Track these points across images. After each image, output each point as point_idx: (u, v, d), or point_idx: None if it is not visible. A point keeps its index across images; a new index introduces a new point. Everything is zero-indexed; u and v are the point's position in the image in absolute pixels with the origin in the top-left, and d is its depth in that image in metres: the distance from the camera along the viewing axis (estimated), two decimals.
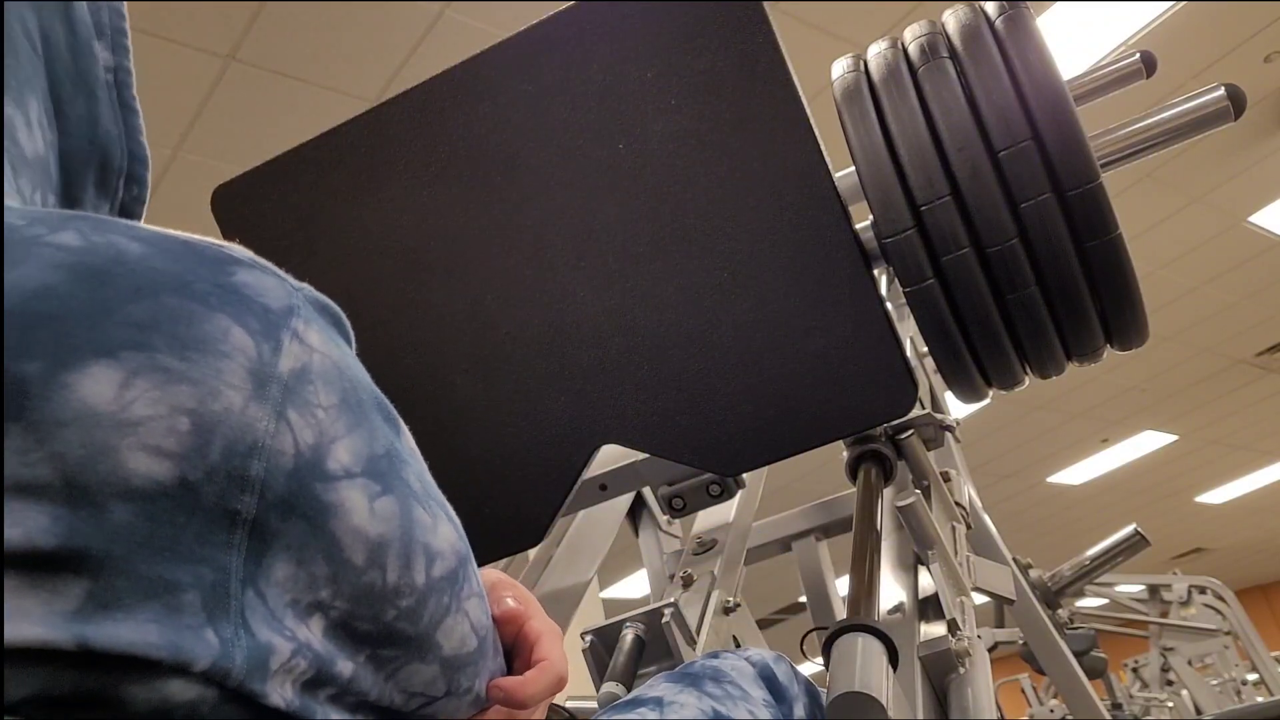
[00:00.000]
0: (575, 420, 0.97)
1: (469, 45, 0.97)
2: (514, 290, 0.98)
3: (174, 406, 0.31)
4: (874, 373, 0.89)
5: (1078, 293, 0.92)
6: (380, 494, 0.37)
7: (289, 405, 0.34)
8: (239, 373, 0.33)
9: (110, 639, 0.30)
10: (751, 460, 0.94)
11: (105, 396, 0.30)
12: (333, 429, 0.35)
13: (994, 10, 0.93)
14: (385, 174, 1.00)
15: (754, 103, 0.90)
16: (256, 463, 0.33)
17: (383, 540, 0.37)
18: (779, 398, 0.91)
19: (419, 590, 0.38)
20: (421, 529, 0.38)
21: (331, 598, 0.36)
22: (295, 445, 0.34)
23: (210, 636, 0.32)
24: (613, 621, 0.93)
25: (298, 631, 0.35)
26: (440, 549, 0.39)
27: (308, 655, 0.35)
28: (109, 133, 0.45)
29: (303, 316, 0.36)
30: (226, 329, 0.33)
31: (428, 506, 0.39)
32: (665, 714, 0.56)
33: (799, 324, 0.90)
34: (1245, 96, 0.97)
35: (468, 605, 0.42)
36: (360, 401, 0.38)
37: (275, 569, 0.34)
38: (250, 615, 0.33)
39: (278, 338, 0.35)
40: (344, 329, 0.40)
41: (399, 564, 0.37)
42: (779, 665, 0.65)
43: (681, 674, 0.61)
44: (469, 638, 0.42)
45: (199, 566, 0.32)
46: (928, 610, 0.92)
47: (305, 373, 0.35)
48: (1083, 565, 3.40)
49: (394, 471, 0.38)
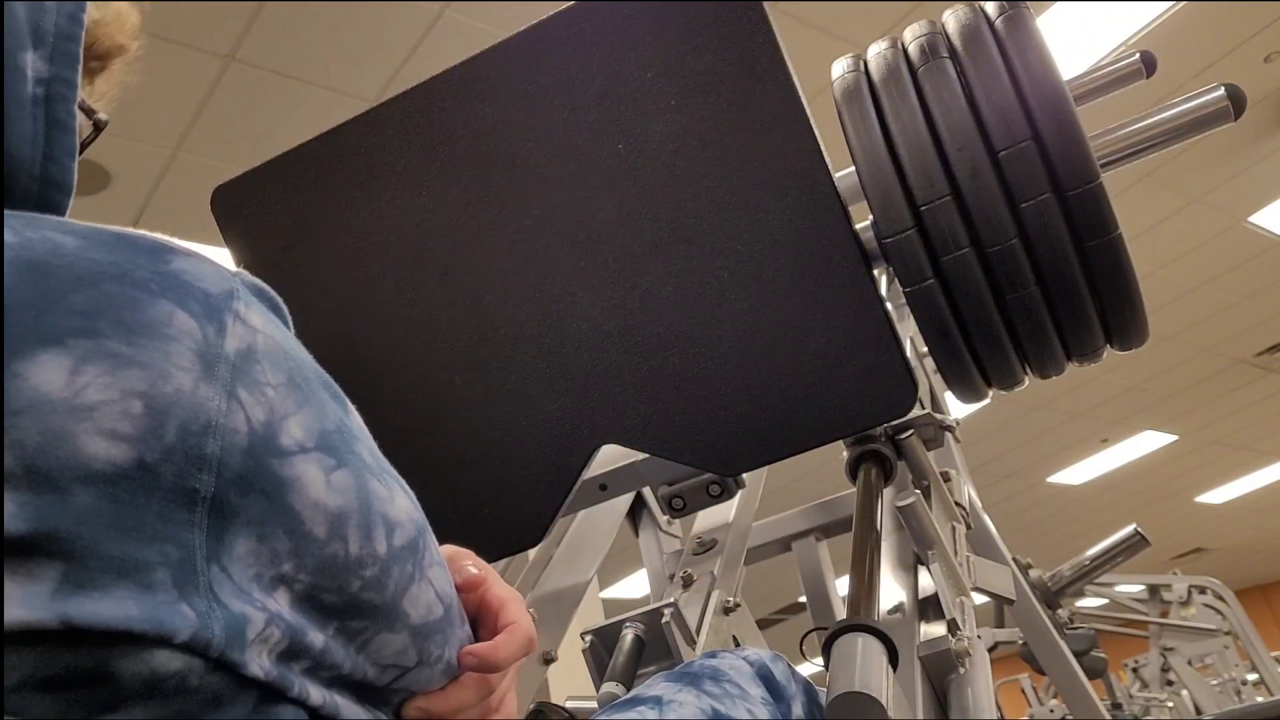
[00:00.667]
0: (575, 420, 0.97)
1: (469, 45, 0.97)
2: (514, 290, 0.98)
3: (126, 390, 0.32)
4: (874, 373, 0.89)
5: (1078, 293, 0.92)
6: (335, 467, 0.37)
7: (238, 384, 0.35)
8: (186, 355, 0.34)
9: (92, 616, 0.31)
10: (751, 460, 0.94)
11: (57, 383, 0.31)
12: (283, 406, 0.36)
13: (994, 10, 0.93)
14: (385, 174, 1.00)
15: (754, 103, 0.90)
16: (212, 441, 0.33)
17: (342, 512, 0.37)
18: (779, 398, 0.91)
19: (381, 559, 0.39)
20: (378, 500, 0.39)
21: (295, 570, 0.36)
22: (248, 423, 0.35)
23: (186, 610, 0.32)
24: (613, 621, 0.93)
25: (267, 603, 0.35)
26: (399, 519, 0.40)
27: (280, 625, 0.35)
28: (13, 156, 0.42)
29: (242, 299, 0.37)
30: (170, 313, 0.34)
31: (382, 479, 0.40)
32: (665, 713, 0.56)
33: (799, 324, 0.90)
34: (1245, 96, 0.97)
35: (430, 573, 0.42)
36: (307, 379, 0.38)
37: (237, 544, 0.34)
38: (219, 589, 0.34)
39: (221, 319, 0.35)
40: (282, 313, 0.41)
41: (360, 534, 0.38)
42: (776, 664, 0.66)
43: (680, 673, 0.62)
44: (434, 605, 0.42)
45: (164, 545, 0.32)
46: (928, 610, 0.92)
47: (251, 353, 0.36)
48: (1083, 565, 3.40)
49: (346, 445, 0.39)
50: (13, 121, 0.42)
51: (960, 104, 0.90)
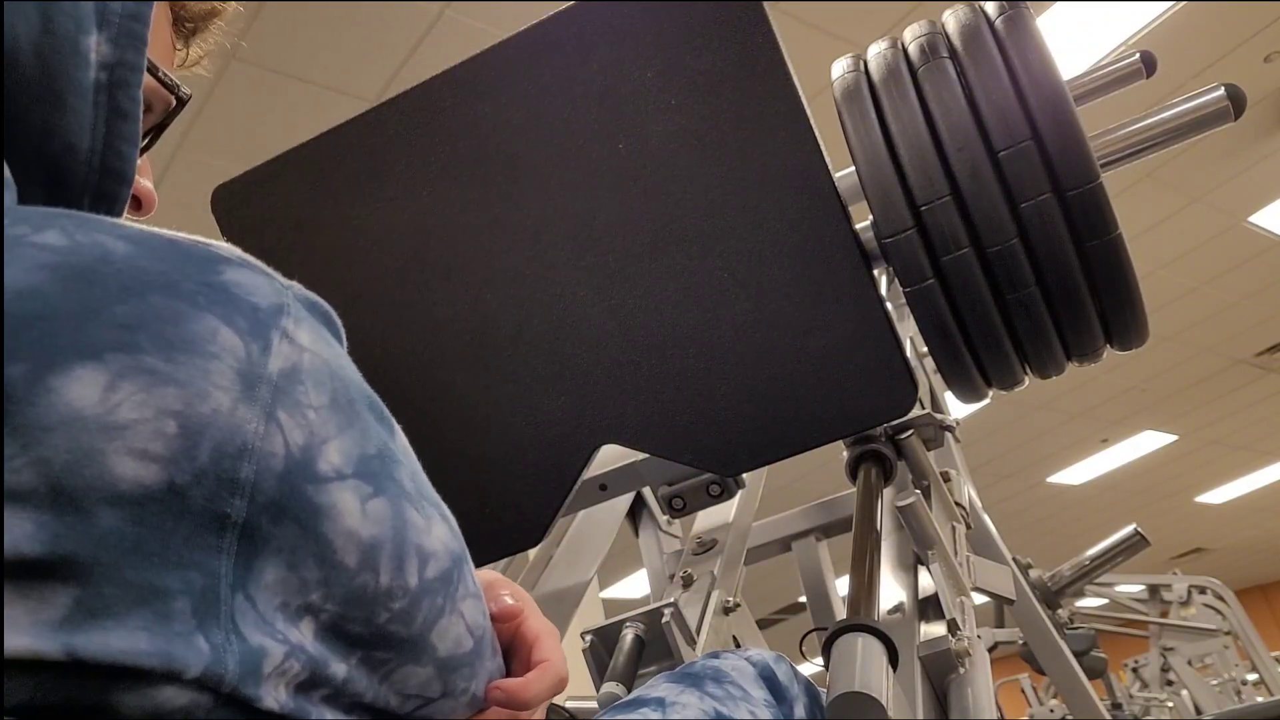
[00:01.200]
0: (575, 420, 0.97)
1: (469, 45, 0.97)
2: (514, 290, 0.98)
3: (160, 409, 0.31)
4: (874, 373, 0.89)
5: (1078, 293, 0.92)
6: (372, 495, 0.36)
7: (279, 406, 0.34)
8: (227, 374, 0.32)
9: (99, 648, 0.29)
10: (751, 460, 0.94)
11: (90, 399, 0.30)
12: (324, 430, 0.35)
13: (994, 10, 0.93)
14: (385, 174, 1.00)
15: (754, 103, 0.90)
16: (246, 465, 0.32)
17: (375, 542, 0.36)
18: (779, 398, 0.91)
19: (412, 592, 0.38)
20: (414, 530, 0.38)
21: (323, 600, 0.35)
22: (285, 446, 0.33)
23: (201, 643, 0.31)
24: (613, 621, 0.93)
25: (290, 634, 0.34)
26: (433, 550, 0.39)
27: (301, 657, 0.34)
28: (69, 146, 0.41)
29: (293, 315, 0.36)
30: (214, 329, 0.33)
31: (420, 507, 0.39)
32: (667, 714, 0.56)
33: (799, 324, 0.90)
34: (1245, 96, 0.97)
35: (463, 606, 0.41)
36: (351, 401, 0.37)
37: (266, 572, 0.33)
38: (241, 619, 0.32)
39: (267, 337, 0.34)
40: (335, 327, 0.39)
41: (391, 566, 0.37)
42: (779, 665, 0.65)
43: (683, 674, 0.61)
44: (464, 639, 0.41)
45: (188, 572, 0.31)
46: (928, 610, 0.92)
47: (295, 372, 0.35)
48: (1082, 565, 3.41)
49: (386, 472, 0.37)
50: (72, 111, 0.40)
51: (960, 104, 0.90)
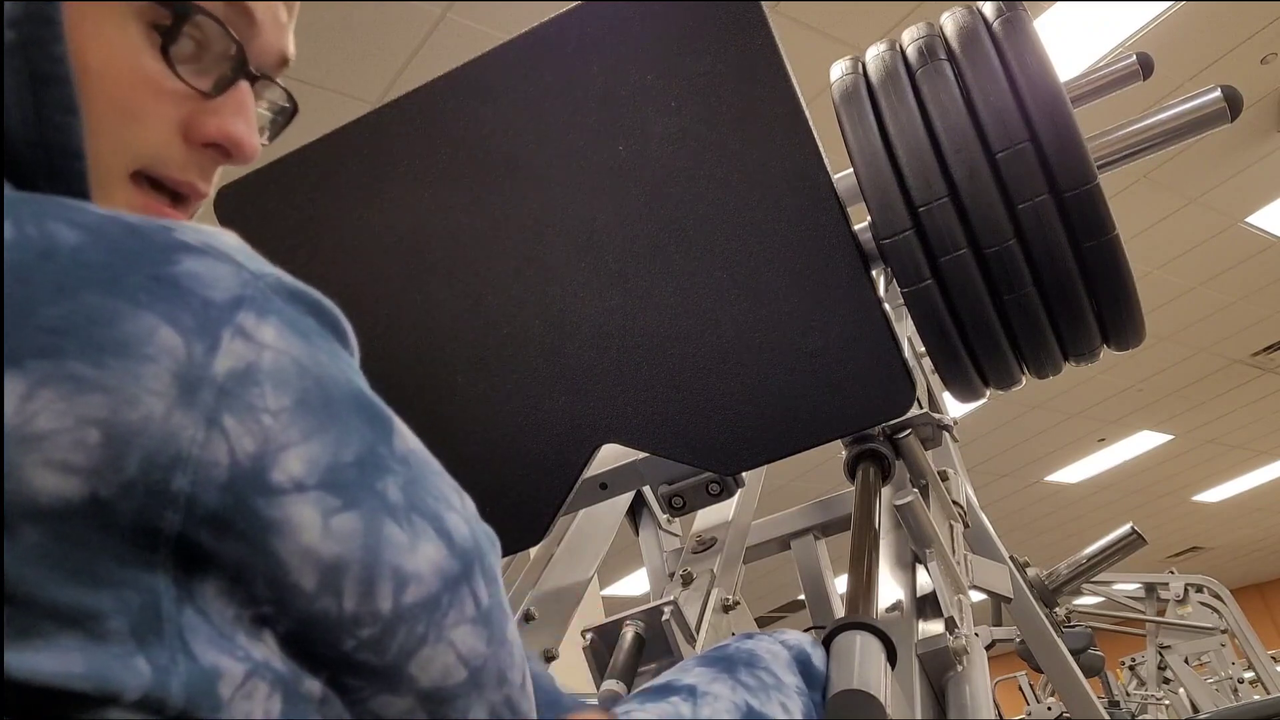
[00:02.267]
0: (575, 419, 0.97)
1: (471, 47, 0.98)
2: (515, 291, 0.99)
3: (82, 417, 0.29)
4: (872, 372, 0.90)
5: (1075, 293, 0.93)
6: (340, 509, 0.33)
7: (224, 410, 0.31)
8: (163, 377, 0.30)
9: (31, 669, 0.28)
10: (751, 459, 0.94)
11: (7, 410, 0.28)
12: (283, 435, 0.32)
13: (991, 12, 0.94)
14: (387, 175, 1.01)
15: (753, 104, 0.90)
16: (180, 476, 0.30)
17: (338, 562, 0.32)
18: (778, 397, 0.92)
19: (384, 618, 0.34)
20: (392, 549, 0.34)
21: (276, 615, 0.32)
22: (231, 454, 0.31)
23: (141, 664, 0.29)
24: (613, 619, 0.94)
25: (253, 649, 0.31)
26: (415, 571, 0.35)
27: (267, 675, 0.31)
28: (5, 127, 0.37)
29: (255, 309, 0.33)
30: (152, 329, 0.30)
31: (406, 522, 0.35)
32: (699, 708, 0.53)
33: (798, 324, 0.91)
34: (1242, 98, 0.98)
35: (454, 634, 0.36)
36: (328, 401, 0.34)
37: (207, 588, 0.31)
38: (192, 637, 0.30)
39: (215, 334, 0.31)
40: (325, 317, 0.36)
41: (358, 590, 0.33)
42: (816, 650, 0.64)
43: (716, 658, 0.59)
44: (454, 670, 0.36)
45: (122, 590, 0.29)
46: (926, 608, 0.92)
47: (250, 373, 0.32)
48: (1080, 564, 3.42)
49: (364, 482, 0.34)
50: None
51: (958, 106, 0.91)
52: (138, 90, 0.43)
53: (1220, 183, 4.46)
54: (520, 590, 1.14)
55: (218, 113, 0.46)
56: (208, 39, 0.45)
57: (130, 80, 0.42)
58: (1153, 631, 4.10)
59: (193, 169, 0.46)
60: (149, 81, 0.43)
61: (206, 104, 0.45)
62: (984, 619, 3.12)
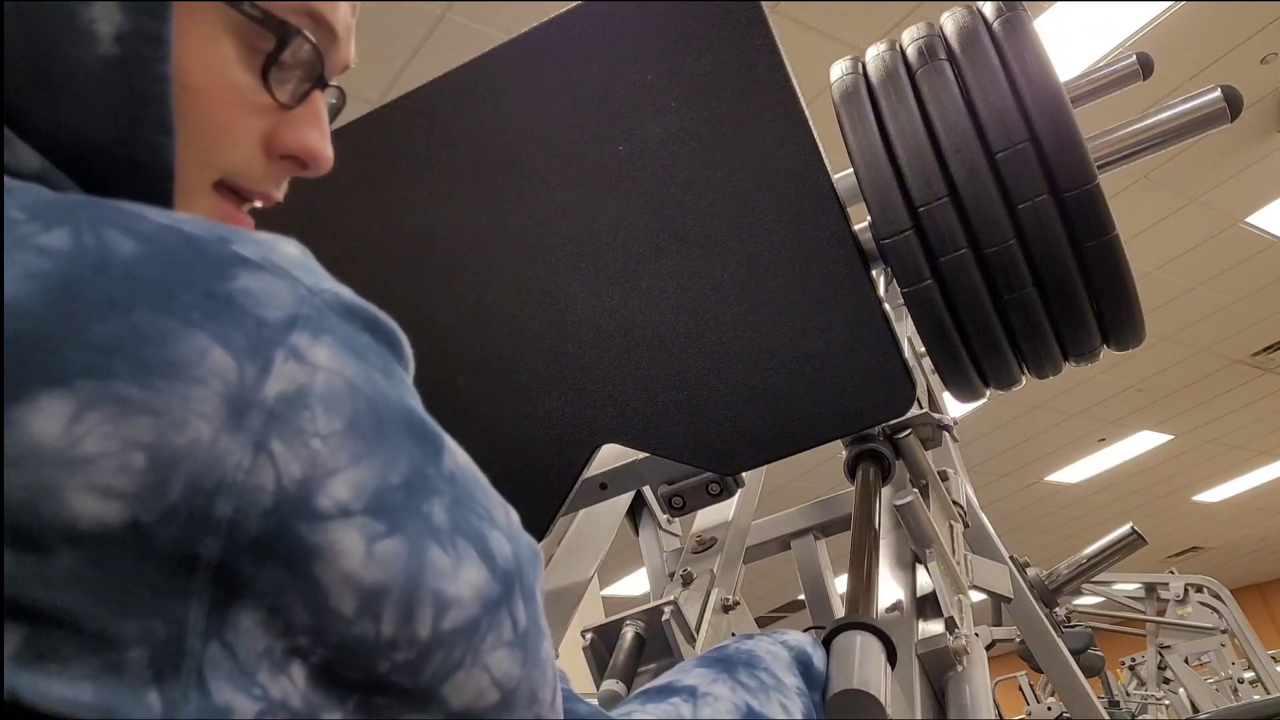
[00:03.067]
0: (575, 420, 0.97)
1: (471, 47, 0.98)
2: (515, 291, 0.99)
3: (128, 441, 0.28)
4: (872, 373, 0.90)
5: (1075, 293, 0.93)
6: (384, 534, 0.32)
7: (273, 435, 0.30)
8: (212, 400, 0.29)
9: (40, 694, 0.28)
10: (751, 459, 0.95)
11: (53, 432, 0.28)
12: (331, 460, 0.31)
13: (991, 12, 0.94)
14: (387, 175, 1.01)
15: (753, 104, 0.90)
16: (223, 502, 0.29)
17: (379, 588, 0.32)
18: (778, 397, 0.92)
19: (422, 643, 0.33)
20: (433, 574, 0.33)
21: (312, 645, 0.32)
22: (277, 480, 0.30)
23: (152, 699, 0.28)
24: (613, 619, 0.94)
25: (272, 687, 0.31)
26: (457, 596, 0.34)
27: (281, 714, 0.31)
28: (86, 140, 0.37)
29: (309, 328, 0.32)
30: (204, 350, 0.30)
31: (450, 545, 0.34)
32: (700, 708, 0.53)
33: (798, 324, 0.91)
34: (1242, 98, 0.98)
35: (490, 658, 0.35)
36: (379, 423, 0.33)
37: (243, 618, 0.30)
38: (211, 673, 0.29)
39: (268, 356, 0.31)
40: (382, 332, 0.35)
41: (397, 615, 0.33)
42: (816, 651, 0.64)
43: (716, 659, 0.59)
44: (488, 692, 0.36)
45: (150, 619, 0.29)
46: (926, 608, 0.92)
47: (301, 396, 0.31)
48: (1080, 564, 3.42)
49: (411, 505, 0.33)
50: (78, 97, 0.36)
51: (958, 106, 0.91)
52: (231, 107, 0.43)
53: (1220, 183, 4.46)
54: None
55: (294, 124, 0.47)
56: (300, 55, 0.46)
57: (225, 98, 0.43)
58: (1153, 631, 4.11)
59: (270, 180, 0.48)
60: (241, 98, 0.43)
61: (284, 115, 0.46)
62: (984, 619, 3.13)
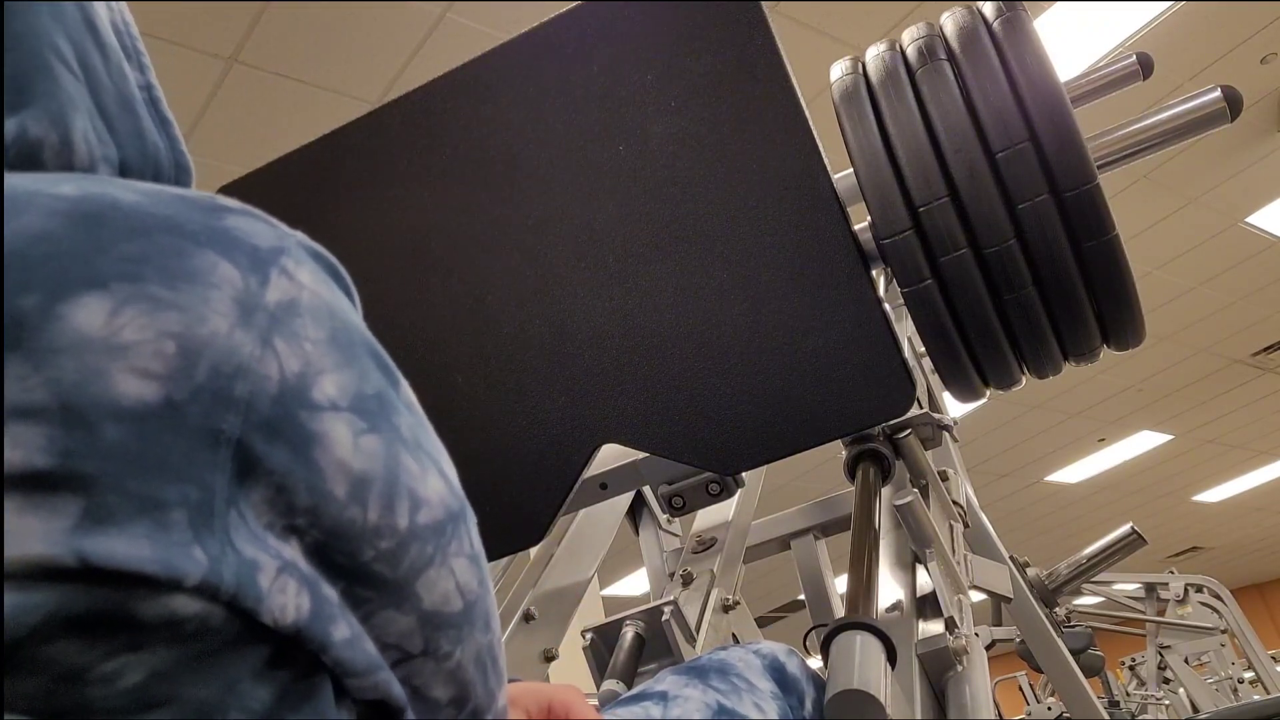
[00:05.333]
0: (576, 420, 0.97)
1: (471, 47, 0.98)
2: (515, 291, 0.99)
3: (161, 331, 0.33)
4: (872, 372, 0.90)
5: (1075, 293, 0.93)
6: (366, 431, 0.37)
7: (275, 334, 0.35)
8: (225, 301, 0.34)
9: (106, 554, 0.31)
10: (750, 459, 0.95)
11: (96, 324, 0.32)
12: (320, 361, 0.36)
13: (991, 12, 0.94)
14: (387, 175, 1.01)
15: (753, 104, 0.90)
16: (241, 383, 0.34)
17: (366, 476, 0.37)
18: (778, 397, 0.92)
19: (400, 533, 0.38)
20: (407, 474, 0.39)
21: (308, 525, 0.36)
22: (280, 371, 0.35)
23: (198, 553, 0.33)
24: (613, 619, 0.94)
25: (282, 550, 0.35)
26: (427, 497, 0.40)
27: (294, 574, 0.35)
28: (156, 145, 0.47)
29: (293, 256, 0.38)
30: (215, 263, 0.35)
31: (417, 455, 0.40)
32: (670, 709, 0.57)
33: (798, 324, 0.91)
34: (1242, 98, 0.98)
35: (455, 563, 0.41)
36: (351, 342, 0.38)
37: (255, 491, 0.35)
38: (235, 534, 0.34)
39: (265, 272, 0.36)
40: (342, 279, 0.41)
41: (381, 503, 0.37)
42: (790, 659, 0.66)
43: (688, 668, 0.62)
44: (453, 597, 0.41)
45: (185, 485, 0.33)
46: (925, 608, 0.92)
47: (294, 306, 0.36)
48: (1080, 564, 3.42)
49: (383, 413, 0.38)
50: (142, 119, 0.46)
51: (958, 106, 0.91)
52: None
53: (1220, 183, 4.46)
54: (520, 590, 1.14)
55: None
56: None
57: None
58: (1153, 631, 4.11)
59: None
60: None
61: None
62: (984, 619, 3.13)
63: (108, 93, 0.45)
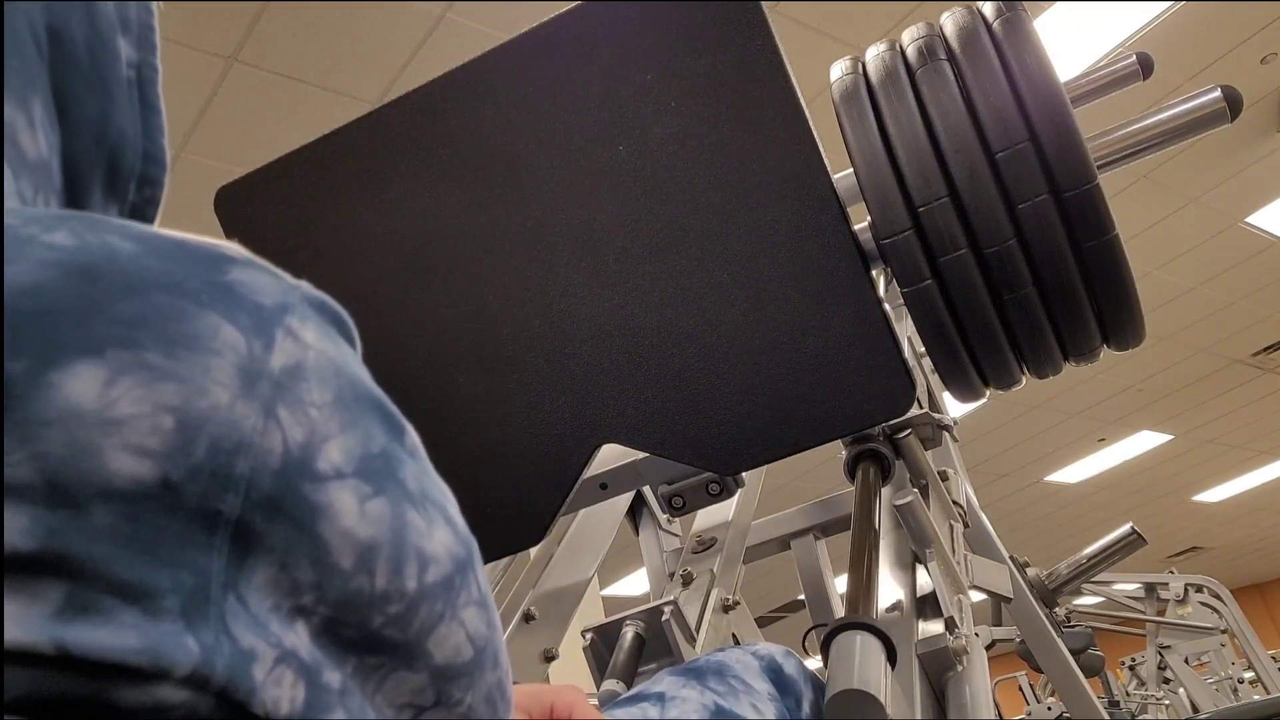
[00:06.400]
0: (575, 420, 0.97)
1: (471, 47, 0.98)
2: (515, 291, 0.99)
3: (159, 404, 0.31)
4: (872, 372, 0.90)
5: (1075, 293, 0.93)
6: (372, 495, 0.36)
7: (279, 403, 0.33)
8: (227, 369, 0.33)
9: (88, 644, 0.29)
10: (750, 459, 0.95)
11: (89, 395, 0.30)
12: (325, 427, 0.35)
13: (991, 12, 0.94)
14: (387, 175, 1.01)
15: (753, 104, 0.90)
16: (242, 461, 0.32)
17: (372, 543, 0.35)
18: (778, 397, 0.92)
19: (409, 596, 0.37)
20: (414, 533, 0.37)
21: (315, 604, 0.34)
22: (284, 444, 0.33)
23: (190, 643, 0.31)
24: (613, 619, 0.94)
25: (285, 638, 0.34)
26: (434, 554, 0.38)
27: (293, 663, 0.34)
28: (121, 133, 0.44)
29: (298, 314, 0.36)
30: (217, 326, 0.33)
31: (423, 509, 0.38)
32: (667, 710, 0.57)
33: (798, 324, 0.91)
34: (1242, 98, 0.98)
35: (464, 614, 0.40)
36: (357, 400, 0.37)
37: (257, 572, 0.33)
38: (232, 621, 0.32)
39: (270, 334, 0.34)
40: (345, 328, 0.40)
41: (388, 569, 0.36)
42: (788, 660, 0.66)
43: (686, 669, 0.62)
44: (464, 648, 0.40)
45: (179, 570, 0.31)
46: (926, 608, 0.92)
47: (299, 370, 0.35)
48: (1080, 564, 3.42)
49: (388, 472, 0.37)
50: (118, 102, 0.43)
51: (958, 106, 0.91)
52: None
53: (1220, 183, 4.47)
54: (520, 590, 1.14)
55: None
56: None
57: None
58: (1153, 631, 4.11)
59: None
60: None
61: None
62: (984, 619, 3.13)
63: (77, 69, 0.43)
